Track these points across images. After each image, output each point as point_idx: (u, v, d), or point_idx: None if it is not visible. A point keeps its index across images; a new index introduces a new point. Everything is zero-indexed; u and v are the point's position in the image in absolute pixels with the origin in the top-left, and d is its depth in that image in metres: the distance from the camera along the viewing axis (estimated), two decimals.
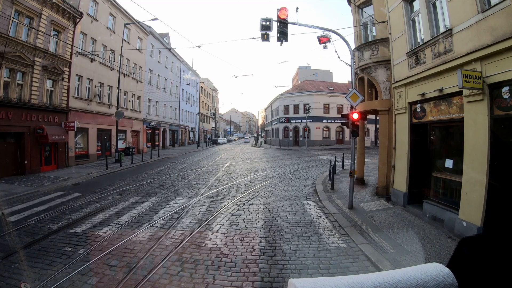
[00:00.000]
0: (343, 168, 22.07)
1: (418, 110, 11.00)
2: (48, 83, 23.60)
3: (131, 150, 34.81)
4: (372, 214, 10.77)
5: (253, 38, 13.41)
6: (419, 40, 11.21)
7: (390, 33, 12.68)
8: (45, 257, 7.25)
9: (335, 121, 58.22)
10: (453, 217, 8.55)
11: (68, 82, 25.53)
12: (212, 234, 8.75)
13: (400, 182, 11.91)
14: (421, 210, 10.42)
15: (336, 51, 21.86)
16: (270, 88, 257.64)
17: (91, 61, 28.75)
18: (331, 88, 62.22)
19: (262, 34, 11.65)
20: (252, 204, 12.23)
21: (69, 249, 7.72)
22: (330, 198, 13.14)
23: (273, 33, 11.76)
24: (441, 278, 1.09)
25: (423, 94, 10.26)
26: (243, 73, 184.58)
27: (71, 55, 25.62)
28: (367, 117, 14.76)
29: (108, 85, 32.12)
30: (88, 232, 9.03)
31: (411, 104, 11.37)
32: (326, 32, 12.48)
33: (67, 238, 8.55)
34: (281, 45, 11.84)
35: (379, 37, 13.92)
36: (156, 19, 28.13)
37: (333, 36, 12.79)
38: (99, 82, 30.72)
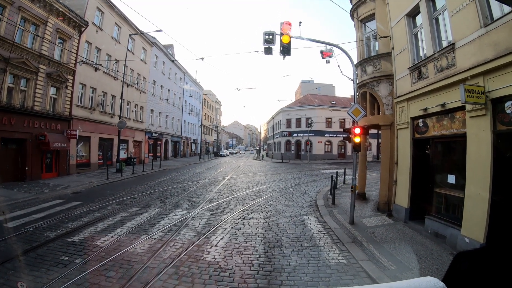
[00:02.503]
0: (344, 182, 21.92)
1: (420, 125, 10.96)
2: (52, 91, 23.74)
3: (132, 160, 34.79)
4: (373, 229, 10.64)
5: (256, 51, 13.43)
6: (421, 54, 11.21)
7: (393, 48, 12.70)
8: (41, 265, 7.16)
9: (337, 135, 58.33)
10: (455, 234, 8.43)
11: (72, 90, 25.74)
12: (210, 247, 8.63)
13: (402, 197, 11.81)
14: (423, 226, 10.29)
15: (338, 66, 21.91)
16: (272, 102, 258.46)
17: (95, 70, 29.01)
18: (334, 102, 62.36)
19: (265, 48, 11.68)
20: (252, 218, 12.10)
21: (66, 258, 7.62)
22: (331, 213, 13.01)
23: (276, 47, 11.79)
24: None
25: (425, 109, 10.21)
26: (246, 86, 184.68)
27: (75, 64, 25.84)
28: (369, 131, 14.70)
29: (111, 95, 32.32)
30: (86, 241, 8.92)
31: (413, 119, 11.33)
32: (329, 47, 12.49)
33: (64, 246, 8.44)
34: (283, 58, 11.86)
35: (382, 51, 13.94)
36: (160, 30, 28.32)
37: (336, 50, 12.72)
38: (103, 91, 30.89)
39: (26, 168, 20.93)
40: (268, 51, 11.68)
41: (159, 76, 45.87)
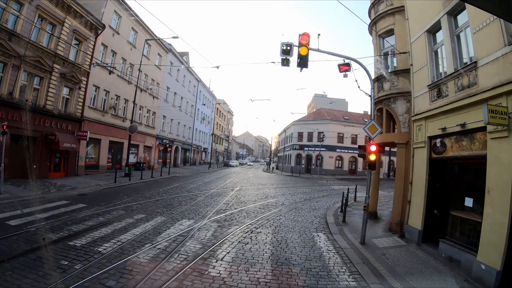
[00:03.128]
0: (355, 200, 21.48)
1: (438, 145, 10.58)
2: (65, 91, 23.83)
3: (141, 165, 34.74)
4: (385, 251, 10.25)
5: (272, 62, 13.30)
6: (441, 72, 10.88)
7: (412, 64, 12.40)
8: (39, 268, 6.94)
9: (349, 151, 57.98)
10: (470, 259, 8.03)
11: (85, 91, 25.80)
12: (216, 262, 8.33)
13: (416, 218, 11.40)
14: (436, 249, 9.88)
15: (356, 80, 21.48)
16: (285, 114, 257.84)
17: (110, 73, 29.16)
18: (346, 118, 61.96)
19: (282, 59, 11.46)
20: (260, 232, 11.76)
21: (66, 262, 7.39)
22: (341, 231, 12.63)
23: (293, 58, 11.55)
24: None
25: (444, 129, 9.86)
26: (260, 98, 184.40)
27: (90, 65, 25.90)
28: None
29: (124, 98, 32.40)
30: (88, 246, 8.68)
31: (431, 138, 10.96)
32: (346, 60, 12.17)
33: (65, 250, 8.23)
34: (300, 71, 11.61)
35: (400, 68, 13.66)
36: (176, 37, 28.55)
37: (353, 65, 12.42)
38: (116, 95, 31.02)
39: (34, 166, 20.86)
40: (285, 62, 11.46)
41: (173, 83, 45.98)
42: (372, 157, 10.80)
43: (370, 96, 11.83)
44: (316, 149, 55.00)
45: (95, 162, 28.73)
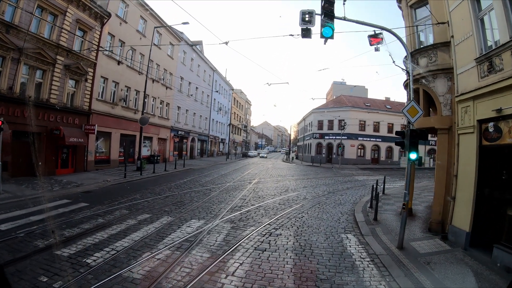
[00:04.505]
0: (383, 192, 19.55)
1: (491, 130, 8.76)
2: (70, 83, 22.61)
3: (156, 158, 33.65)
4: (428, 258, 8.52)
5: (291, 35, 11.45)
6: (491, 42, 9.04)
7: (452, 36, 10.54)
8: (15, 285, 5.83)
9: (371, 139, 55.93)
10: None
11: (92, 83, 24.56)
12: (226, 276, 6.78)
13: (462, 218, 9.62)
14: (489, 256, 8.11)
15: (390, 54, 19.60)
16: (305, 100, 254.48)
17: (118, 64, 27.83)
18: (368, 104, 59.53)
19: (302, 29, 9.70)
20: (280, 235, 10.14)
21: (45, 279, 6.17)
22: (374, 232, 10.91)
23: (316, 29, 9.84)
24: None
25: (499, 110, 8.05)
26: (277, 81, 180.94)
27: (96, 56, 24.67)
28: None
29: (135, 90, 31.08)
30: (76, 257, 7.39)
31: (481, 122, 9.14)
32: (377, 31, 10.36)
33: (49, 262, 7.01)
34: (325, 43, 9.85)
35: (438, 41, 11.71)
36: (187, 23, 26.85)
37: (386, 37, 10.64)
38: (126, 86, 29.78)
39: (39, 163, 19.70)
40: (306, 33, 9.71)
41: (187, 72, 44.54)
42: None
43: (407, 71, 10.04)
44: (337, 137, 52.74)
45: (105, 157, 27.59)
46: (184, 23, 26.85)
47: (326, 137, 58.37)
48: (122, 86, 28.97)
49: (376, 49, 10.99)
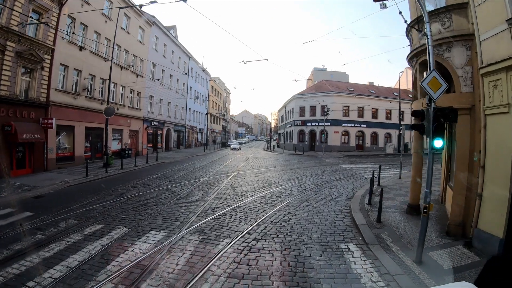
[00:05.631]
0: (378, 184, 17.41)
1: None
2: (23, 72, 19.71)
3: (127, 152, 31.24)
4: (456, 275, 6.40)
5: None
6: None
7: None
8: None
9: (355, 124, 54.21)
10: None
11: (50, 72, 21.62)
12: None
13: (493, 220, 7.50)
14: None
15: (400, 12, 16.66)
16: (286, 83, 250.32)
17: (80, 50, 24.75)
18: (351, 89, 57.35)
19: None
20: (263, 249, 7.85)
21: None
22: (380, 239, 8.70)
23: None
24: None
25: None
26: (255, 58, 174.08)
27: (54, 41, 21.71)
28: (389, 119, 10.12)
29: (101, 78, 28.07)
30: None
31: None
32: None
33: None
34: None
35: (451, 2, 9.53)
36: (154, 1, 24.18)
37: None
38: (90, 74, 26.85)
39: None
40: None
41: (159, 59, 41.62)
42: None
43: (425, 34, 7.77)
44: (320, 124, 50.68)
45: (69, 153, 24.76)
46: (152, 2, 24.21)
47: (308, 124, 56.25)
48: (85, 74, 26.05)
49: (382, 6, 8.73)
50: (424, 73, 8.49)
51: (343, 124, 54.21)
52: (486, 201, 7.90)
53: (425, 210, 7.02)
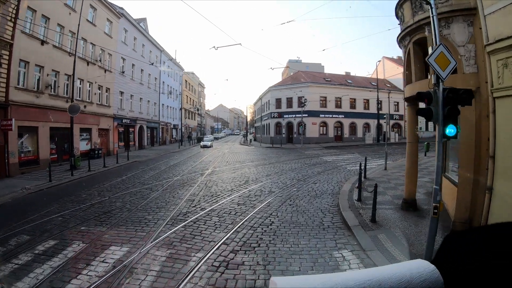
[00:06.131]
0: (365, 177, 16.30)
1: None
2: None
3: (97, 152, 29.44)
4: None
5: None
6: None
7: None
8: None
9: (333, 115, 53.50)
10: None
11: (8, 69, 19.71)
12: None
13: (505, 215, 6.50)
14: None
15: None
16: (262, 71, 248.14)
17: (42, 44, 22.97)
18: (328, 79, 56.51)
19: None
20: (243, 264, 6.58)
21: None
22: (377, 242, 7.55)
23: None
24: (426, 275, 1.00)
25: None
26: (227, 43, 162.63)
27: (12, 35, 19.76)
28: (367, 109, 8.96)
29: (65, 74, 25.88)
30: None
31: None
32: None
33: None
34: None
35: None
36: None
37: None
38: (53, 70, 24.85)
39: None
40: None
41: (129, 53, 39.42)
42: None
43: (429, 3, 6.62)
44: (297, 115, 49.62)
45: (33, 157, 22.87)
46: None
47: (285, 116, 55.19)
48: (48, 71, 24.08)
49: None
50: (430, 48, 7.36)
51: (320, 115, 53.36)
52: (497, 196, 6.92)
53: (435, 211, 5.86)
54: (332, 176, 17.64)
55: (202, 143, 51.08)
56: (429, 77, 8.81)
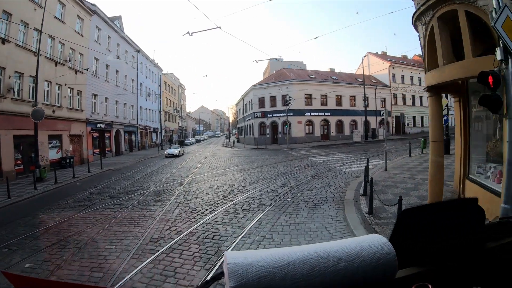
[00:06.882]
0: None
1: None
2: None
3: (68, 160, 27.16)
4: None
5: None
6: None
7: None
8: None
9: (319, 113, 52.06)
10: None
11: None
12: None
13: None
14: None
15: None
16: (245, 64, 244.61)
17: (3, 43, 21.12)
18: (313, 76, 55.05)
19: None
20: None
21: None
22: None
23: None
24: (377, 247, 1.07)
25: None
26: (205, 27, 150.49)
27: None
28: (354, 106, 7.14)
29: (30, 76, 23.55)
30: None
31: None
32: None
33: None
34: None
35: None
36: None
37: None
38: (17, 72, 22.74)
39: None
40: None
41: (103, 53, 37.28)
42: None
43: None
44: (282, 114, 48.00)
45: None
46: None
47: (269, 116, 53.40)
48: (10, 72, 21.93)
49: None
50: (492, 12, 5.51)
51: (306, 114, 51.78)
52: None
53: None
54: (328, 181, 15.76)
55: (167, 152, 39.13)
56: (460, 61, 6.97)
